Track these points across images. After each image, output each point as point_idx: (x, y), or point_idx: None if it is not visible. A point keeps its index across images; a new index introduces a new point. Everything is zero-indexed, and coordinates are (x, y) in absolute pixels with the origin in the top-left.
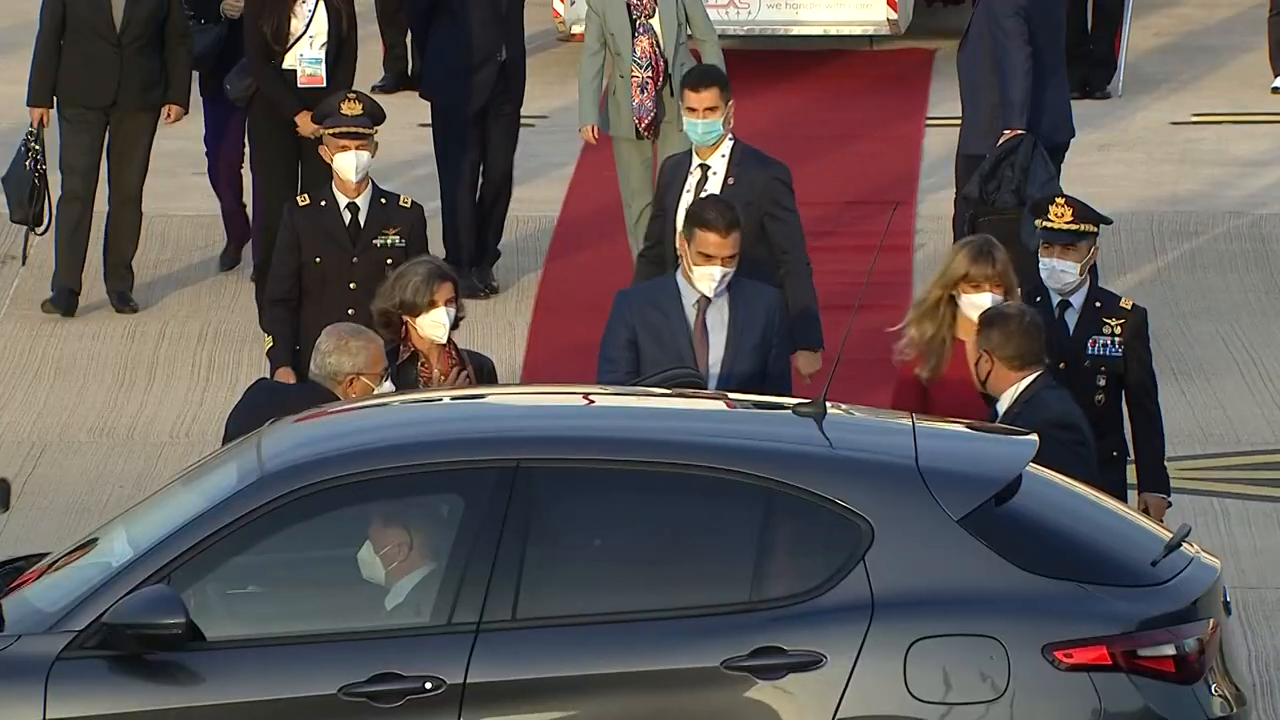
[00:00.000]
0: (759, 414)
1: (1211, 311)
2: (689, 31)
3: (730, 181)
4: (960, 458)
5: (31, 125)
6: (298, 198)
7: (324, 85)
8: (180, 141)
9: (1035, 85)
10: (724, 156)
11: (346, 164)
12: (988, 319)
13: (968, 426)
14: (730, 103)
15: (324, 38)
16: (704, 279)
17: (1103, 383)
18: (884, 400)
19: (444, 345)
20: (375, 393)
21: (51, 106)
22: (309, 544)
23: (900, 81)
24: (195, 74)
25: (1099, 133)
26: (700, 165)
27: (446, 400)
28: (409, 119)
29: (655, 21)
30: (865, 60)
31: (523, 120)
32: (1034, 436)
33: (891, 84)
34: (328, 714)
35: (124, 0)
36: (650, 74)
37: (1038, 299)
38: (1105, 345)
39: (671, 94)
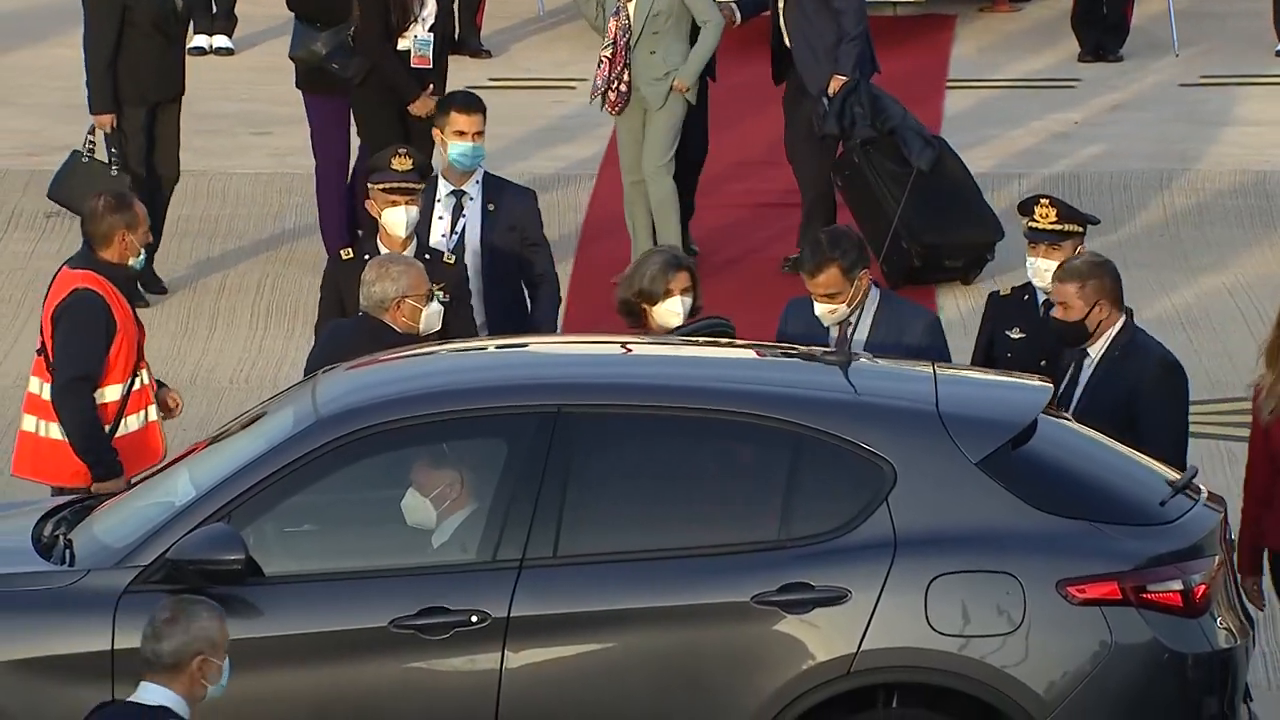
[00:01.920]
0: (788, 361)
1: (1218, 264)
2: (695, 17)
3: (491, 208)
4: (979, 403)
5: (92, 136)
6: (341, 251)
7: (430, 66)
8: (238, 104)
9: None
10: (479, 183)
11: (396, 219)
12: (1083, 270)
13: (986, 374)
14: None
15: (433, 19)
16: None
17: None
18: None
19: None
20: (424, 314)
21: (116, 111)
22: (361, 485)
23: (922, 46)
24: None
25: (1111, 94)
26: (454, 192)
27: (492, 349)
28: (456, 82)
29: (631, 5)
30: (889, 25)
31: (563, 82)
32: (1049, 384)
33: (914, 48)
34: (379, 645)
35: None
36: (610, 53)
37: (1025, 296)
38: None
39: (627, 78)
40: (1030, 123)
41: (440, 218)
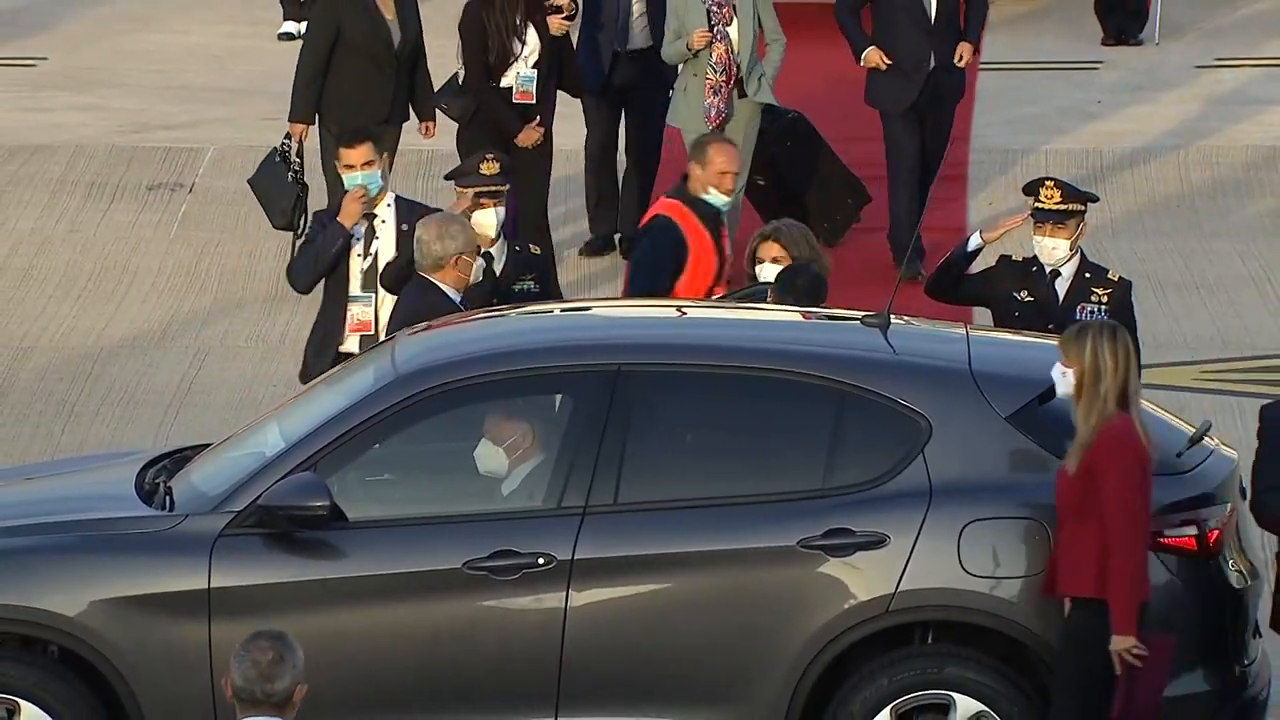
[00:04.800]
0: (831, 324)
1: (1230, 232)
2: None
3: (404, 228)
4: (1008, 362)
5: (288, 140)
6: None
7: (534, 101)
8: None
9: None
10: (391, 206)
11: (487, 220)
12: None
13: (1015, 335)
14: (384, 155)
15: (535, 56)
16: None
17: None
18: (939, 308)
19: None
20: (473, 267)
21: (313, 124)
22: (436, 437)
23: None
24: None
25: (1132, 76)
26: (367, 215)
27: (557, 311)
28: None
29: (733, 29)
30: None
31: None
32: None
33: None
34: (453, 585)
35: (397, 23)
36: (724, 78)
37: (1033, 269)
38: (1092, 312)
39: (742, 94)
40: (1056, 102)
41: (357, 239)
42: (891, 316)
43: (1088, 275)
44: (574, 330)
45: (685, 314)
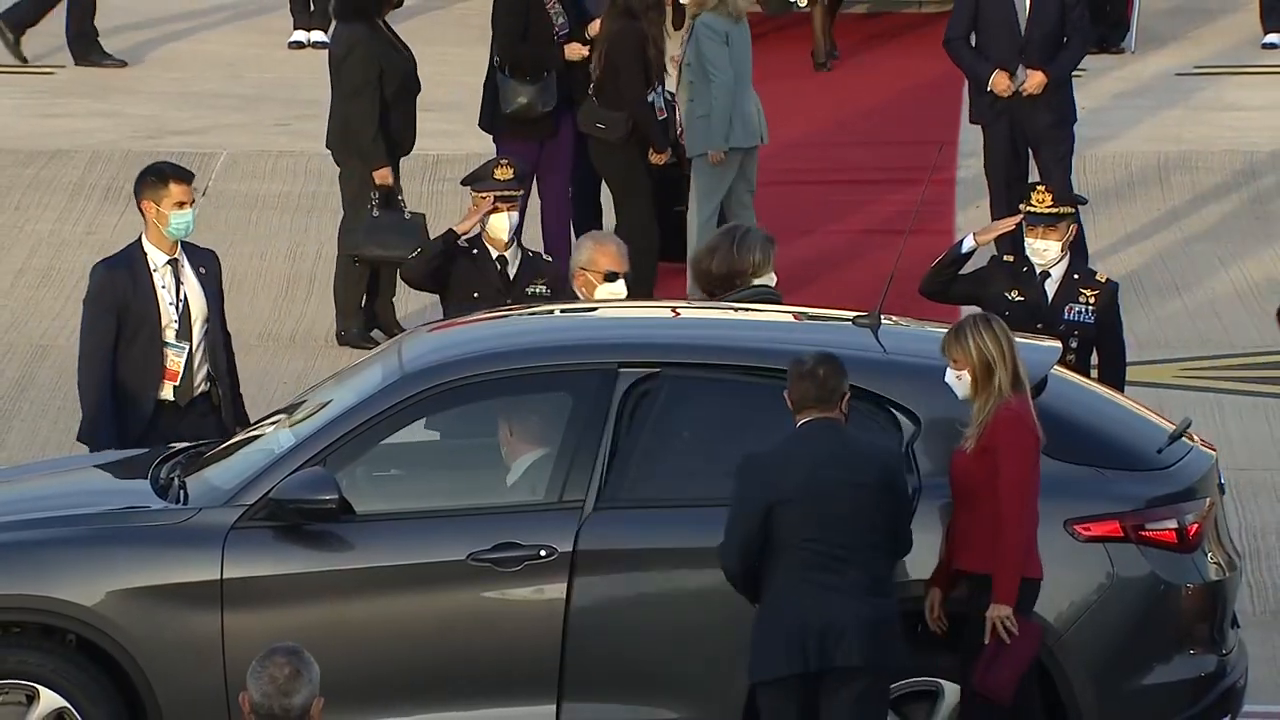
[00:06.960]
0: (823, 324)
1: (1209, 234)
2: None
3: (203, 271)
4: None
5: (375, 195)
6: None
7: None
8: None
9: None
10: (182, 250)
11: (500, 224)
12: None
13: None
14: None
15: None
16: None
17: (1074, 345)
18: (928, 310)
19: None
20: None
21: (391, 164)
22: (442, 433)
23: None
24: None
25: (1114, 83)
26: (170, 260)
27: (558, 313)
28: None
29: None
30: (917, 21)
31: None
32: (1058, 344)
33: (937, 43)
34: (457, 577)
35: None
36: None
37: (1024, 269)
38: (1080, 313)
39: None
40: None
41: (164, 287)
42: (882, 316)
43: (1076, 277)
44: (575, 330)
45: (681, 315)
